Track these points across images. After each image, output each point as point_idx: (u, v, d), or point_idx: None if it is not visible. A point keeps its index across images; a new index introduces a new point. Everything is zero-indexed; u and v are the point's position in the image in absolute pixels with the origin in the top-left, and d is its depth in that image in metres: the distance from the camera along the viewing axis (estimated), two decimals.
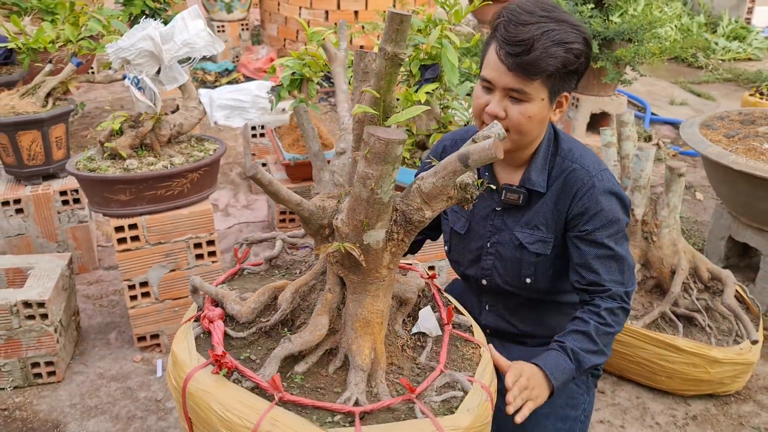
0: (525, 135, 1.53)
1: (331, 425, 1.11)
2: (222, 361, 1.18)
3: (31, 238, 2.94)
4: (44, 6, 3.48)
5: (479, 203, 1.71)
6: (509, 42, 1.43)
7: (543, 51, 1.41)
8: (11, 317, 2.27)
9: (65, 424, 2.23)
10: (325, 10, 6.00)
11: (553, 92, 1.49)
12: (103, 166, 2.28)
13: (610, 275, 1.58)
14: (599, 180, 1.56)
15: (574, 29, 1.46)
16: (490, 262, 1.72)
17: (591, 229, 1.57)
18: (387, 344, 1.30)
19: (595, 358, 1.54)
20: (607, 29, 3.90)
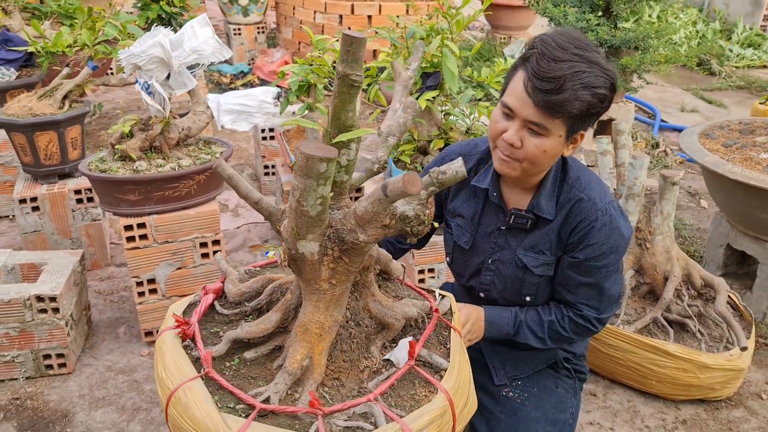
0: (536, 167, 1.55)
1: (228, 410, 1.17)
2: (183, 327, 1.32)
3: (47, 235, 3.05)
4: (63, 11, 3.61)
5: (484, 220, 1.76)
6: (539, 77, 1.42)
7: (571, 93, 1.41)
8: (24, 310, 2.38)
9: (74, 414, 2.33)
10: (339, 15, 6.10)
11: (571, 130, 1.51)
12: (113, 167, 2.38)
13: (587, 300, 1.67)
14: (603, 213, 1.60)
15: (603, 73, 1.45)
16: (489, 278, 1.77)
17: (582, 258, 1.62)
18: (343, 360, 1.32)
19: (533, 340, 1.71)
20: (614, 37, 3.94)
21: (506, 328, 1.70)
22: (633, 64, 3.87)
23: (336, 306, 1.28)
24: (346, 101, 1.10)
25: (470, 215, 1.76)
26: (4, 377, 2.46)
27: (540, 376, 1.82)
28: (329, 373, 1.30)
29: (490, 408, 1.76)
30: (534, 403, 1.75)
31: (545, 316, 1.70)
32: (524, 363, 1.81)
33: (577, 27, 3.98)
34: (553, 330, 1.69)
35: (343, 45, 1.05)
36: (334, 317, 1.28)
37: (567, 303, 1.69)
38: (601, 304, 1.66)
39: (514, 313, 1.71)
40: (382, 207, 1.12)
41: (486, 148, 1.76)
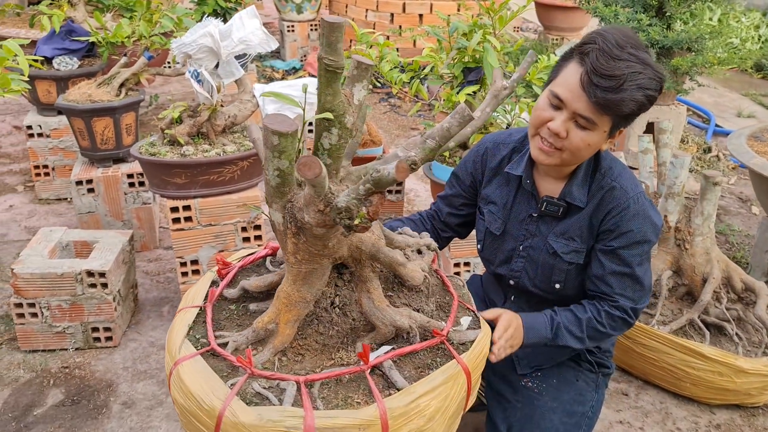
0: (576, 159, 1.58)
1: (194, 341, 1.34)
2: (222, 267, 1.51)
3: (100, 216, 3.21)
4: (124, 4, 3.77)
5: (516, 206, 1.78)
6: (599, 74, 1.43)
7: (629, 93, 1.44)
8: (76, 284, 2.51)
9: (117, 384, 2.45)
10: (390, 13, 6.16)
11: (616, 127, 1.54)
12: (162, 151, 2.49)
13: (623, 290, 1.67)
14: (634, 202, 1.62)
15: (655, 75, 1.47)
16: (521, 265, 1.79)
17: (616, 246, 1.64)
18: (315, 341, 1.35)
19: (573, 341, 1.66)
20: (666, 38, 3.88)
21: (544, 332, 1.66)
22: (685, 65, 3.80)
23: (304, 283, 1.30)
24: (325, 85, 1.13)
25: (503, 202, 1.78)
26: (55, 347, 2.60)
27: (561, 368, 1.82)
28: (296, 346, 1.34)
29: (508, 396, 1.78)
30: (552, 394, 1.76)
31: (581, 314, 1.66)
32: (547, 353, 1.82)
33: (628, 26, 3.93)
34: (591, 327, 1.66)
35: (322, 31, 1.08)
36: (302, 294, 1.31)
37: (602, 296, 1.68)
38: (636, 293, 1.67)
39: (549, 317, 1.68)
40: (314, 191, 1.14)
41: (520, 137, 1.79)
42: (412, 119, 5.37)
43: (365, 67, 1.16)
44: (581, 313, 1.67)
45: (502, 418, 1.76)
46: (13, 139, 4.63)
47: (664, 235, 2.51)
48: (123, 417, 2.30)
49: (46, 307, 2.52)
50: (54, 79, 3.53)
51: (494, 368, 1.91)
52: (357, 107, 1.20)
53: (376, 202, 1.11)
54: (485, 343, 1.40)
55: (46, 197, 3.82)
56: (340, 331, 1.37)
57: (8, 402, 2.35)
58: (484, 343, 1.40)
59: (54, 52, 3.54)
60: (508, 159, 1.78)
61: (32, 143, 3.69)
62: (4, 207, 3.75)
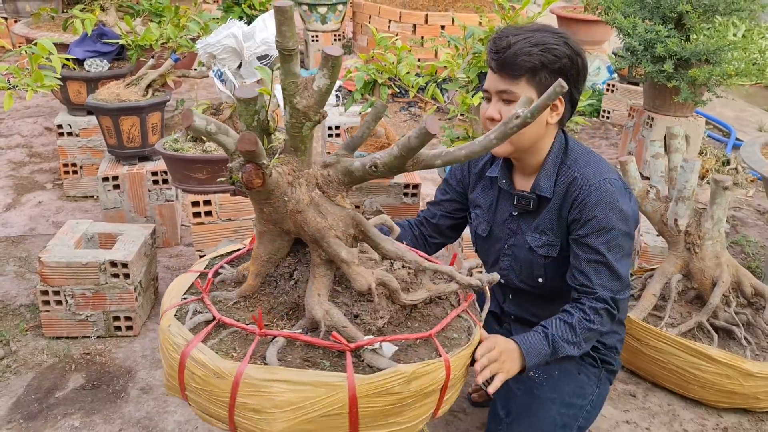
0: (526, 136, 1.67)
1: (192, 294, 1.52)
2: None
3: (124, 212, 3.31)
4: (154, 9, 3.90)
5: (499, 208, 1.87)
6: (492, 49, 1.62)
7: (519, 49, 1.58)
8: (100, 274, 2.61)
9: (136, 371, 2.54)
10: (413, 24, 6.26)
11: (542, 92, 1.56)
12: (185, 146, 2.59)
13: (600, 280, 1.69)
14: (596, 189, 1.67)
15: (553, 34, 1.61)
16: (507, 263, 1.87)
17: (583, 234, 1.69)
18: (264, 300, 1.46)
19: (572, 349, 1.65)
20: (684, 49, 3.90)
21: (542, 349, 1.63)
22: (702, 76, 3.82)
23: (260, 242, 1.41)
24: (281, 66, 1.23)
25: (487, 205, 1.89)
26: (78, 334, 2.69)
27: (563, 361, 1.85)
28: (255, 297, 1.45)
29: (509, 384, 1.82)
30: (552, 384, 1.79)
31: (570, 319, 1.67)
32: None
33: (646, 38, 3.97)
34: (584, 328, 1.67)
35: (275, 17, 1.17)
36: (259, 250, 1.42)
37: (581, 288, 1.70)
38: (614, 283, 1.69)
39: (542, 332, 1.65)
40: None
41: None
42: None
43: (330, 57, 1.21)
44: (569, 318, 1.66)
45: (503, 404, 1.80)
46: (44, 140, 4.79)
47: (675, 239, 2.54)
48: (140, 401, 2.38)
49: (71, 295, 2.62)
50: (84, 80, 3.67)
51: None
52: (316, 93, 1.24)
53: (250, 170, 1.21)
54: (400, 379, 1.28)
55: (73, 194, 3.94)
56: (286, 301, 1.44)
57: (31, 385, 2.45)
58: (399, 378, 1.28)
59: (85, 55, 3.67)
60: (490, 164, 1.89)
61: (62, 142, 3.82)
62: (34, 203, 3.88)
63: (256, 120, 1.29)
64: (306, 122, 1.27)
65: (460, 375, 1.41)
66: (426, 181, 4.27)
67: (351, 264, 1.35)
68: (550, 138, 1.75)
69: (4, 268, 3.20)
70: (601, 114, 5.71)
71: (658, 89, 4.29)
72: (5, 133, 4.89)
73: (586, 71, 1.68)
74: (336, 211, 1.36)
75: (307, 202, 1.33)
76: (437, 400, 1.36)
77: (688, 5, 3.90)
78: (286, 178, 1.30)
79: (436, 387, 1.32)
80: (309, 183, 1.34)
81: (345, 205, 1.38)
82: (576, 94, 1.69)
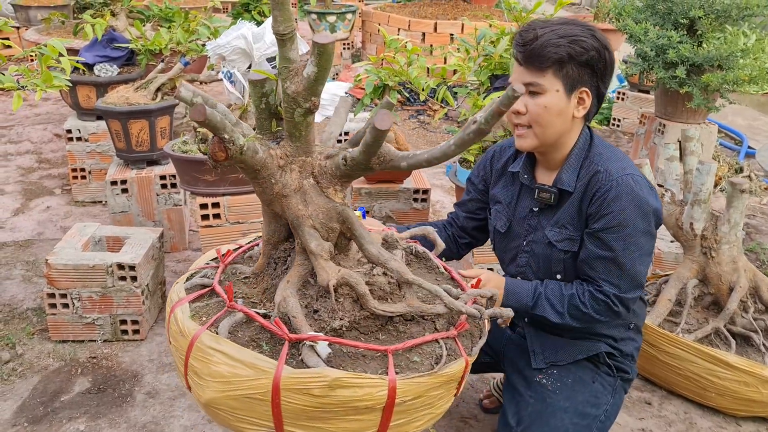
0: (545, 127, 1.64)
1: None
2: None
3: (133, 216, 3.30)
4: (164, 15, 3.91)
5: (520, 204, 1.83)
6: (519, 41, 1.60)
7: (546, 41, 1.56)
8: (107, 277, 2.58)
9: (142, 375, 2.50)
10: (422, 32, 6.26)
11: (569, 85, 1.60)
12: (194, 148, 2.57)
13: (607, 276, 1.66)
14: (617, 184, 1.63)
15: (579, 27, 1.59)
16: (525, 260, 1.83)
17: (597, 228, 1.65)
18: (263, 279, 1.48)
19: (553, 315, 1.68)
20: (696, 55, 3.87)
21: (525, 299, 1.69)
22: (715, 81, 3.78)
23: (263, 222, 1.43)
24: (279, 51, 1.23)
25: (507, 200, 1.86)
26: (84, 338, 2.66)
27: (578, 368, 1.81)
28: (260, 276, 1.47)
29: (521, 391, 1.78)
30: (565, 393, 1.74)
31: (566, 290, 1.69)
32: (564, 350, 1.81)
33: (657, 43, 3.94)
34: (573, 305, 1.66)
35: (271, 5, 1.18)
36: (263, 231, 1.44)
37: (588, 280, 1.69)
38: (622, 281, 1.65)
39: (534, 285, 1.71)
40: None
41: None
42: (440, 135, 5.41)
43: (317, 44, 1.18)
44: (566, 289, 1.69)
45: (514, 412, 1.75)
46: (54, 146, 4.79)
47: (691, 243, 2.49)
48: (146, 406, 2.34)
49: (78, 298, 2.60)
50: (94, 84, 3.67)
51: (511, 361, 1.91)
52: (305, 79, 1.23)
53: (214, 142, 1.21)
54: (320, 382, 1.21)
55: (81, 200, 3.93)
56: (275, 285, 1.42)
57: (37, 388, 2.42)
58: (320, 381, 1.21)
59: (95, 60, 3.68)
60: (513, 158, 1.87)
61: (71, 147, 3.82)
62: (42, 208, 3.87)
63: (264, 103, 1.28)
64: (296, 108, 1.25)
65: (417, 402, 1.27)
66: (435, 188, 4.24)
67: (318, 256, 1.31)
68: (576, 132, 1.72)
69: (12, 272, 3.18)
70: (611, 122, 5.67)
71: (669, 96, 4.25)
72: (15, 139, 4.90)
73: (613, 65, 1.65)
74: (321, 202, 1.33)
75: (295, 188, 1.32)
76: (379, 420, 1.25)
77: (700, 11, 3.87)
78: (277, 161, 1.30)
79: (372, 405, 1.22)
80: (303, 170, 1.32)
81: (335, 198, 1.33)
82: (603, 88, 1.66)
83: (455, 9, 6.63)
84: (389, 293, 1.39)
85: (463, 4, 6.88)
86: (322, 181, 1.32)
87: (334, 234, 1.35)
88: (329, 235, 1.34)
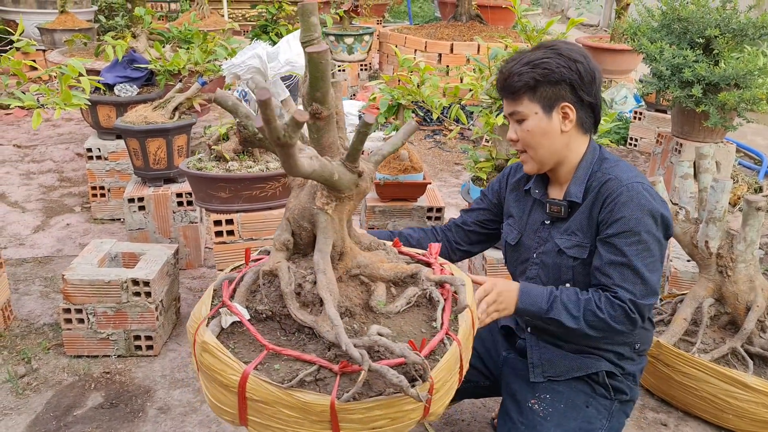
0: (535, 148, 1.72)
1: None
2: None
3: (149, 233, 3.33)
4: (183, 36, 3.99)
5: (531, 217, 1.85)
6: (497, 78, 1.74)
7: (512, 72, 1.67)
8: (122, 292, 2.61)
9: (155, 391, 2.51)
10: (438, 53, 6.30)
11: (547, 105, 1.67)
12: (208, 165, 2.61)
13: (622, 282, 1.65)
14: (628, 189, 1.65)
15: (543, 50, 1.68)
16: (534, 272, 1.83)
17: (610, 233, 1.66)
18: None
19: (569, 319, 1.65)
20: (712, 74, 3.85)
21: (540, 301, 1.67)
22: (732, 100, 3.76)
23: None
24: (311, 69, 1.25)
25: (519, 214, 1.89)
26: (99, 353, 2.69)
27: (571, 392, 1.78)
28: None
29: (513, 417, 1.76)
30: (556, 419, 1.71)
31: (582, 295, 1.68)
32: (564, 364, 1.79)
33: (673, 63, 3.93)
34: (589, 310, 1.64)
35: (299, 17, 1.24)
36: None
37: (603, 287, 1.68)
38: (636, 286, 1.64)
39: (549, 289, 1.70)
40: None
41: None
42: (456, 155, 5.42)
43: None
44: (582, 294, 1.68)
45: None
46: (75, 165, 4.88)
47: (706, 262, 2.46)
48: (158, 421, 2.35)
49: (93, 313, 2.62)
50: (114, 104, 3.74)
51: (506, 384, 1.89)
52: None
53: None
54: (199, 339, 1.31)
55: (100, 217, 3.99)
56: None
57: (51, 402, 2.44)
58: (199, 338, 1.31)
59: (116, 80, 3.75)
60: (527, 178, 1.91)
61: (91, 165, 3.89)
62: (62, 225, 3.94)
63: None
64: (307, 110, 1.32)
65: (268, 410, 1.22)
66: (449, 206, 4.24)
67: (273, 243, 1.40)
68: (578, 146, 1.74)
69: (30, 287, 3.23)
70: (628, 142, 5.65)
71: (686, 114, 4.23)
72: (38, 158, 5.00)
73: (592, 74, 1.68)
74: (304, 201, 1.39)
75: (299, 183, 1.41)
76: (237, 405, 1.24)
77: (716, 29, 3.86)
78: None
79: (227, 384, 1.24)
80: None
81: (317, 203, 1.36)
82: (588, 97, 1.68)
83: (471, 30, 6.68)
84: (312, 303, 1.33)
85: (479, 26, 6.93)
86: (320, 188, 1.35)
87: (304, 232, 1.38)
88: (300, 232, 1.38)
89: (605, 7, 10.89)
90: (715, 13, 3.99)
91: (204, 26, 4.98)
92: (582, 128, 1.73)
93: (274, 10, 5.34)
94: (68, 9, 6.46)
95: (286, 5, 5.40)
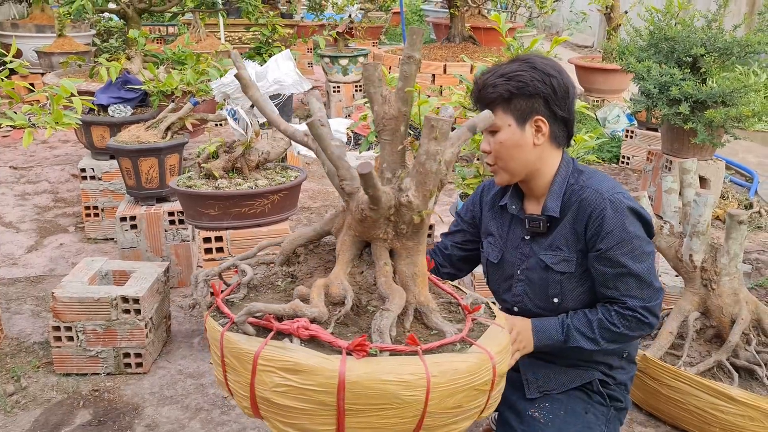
0: (507, 160, 1.72)
1: None
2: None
3: (141, 251, 3.36)
4: (177, 58, 4.04)
5: (511, 233, 1.86)
6: (473, 89, 1.74)
7: (486, 83, 1.68)
8: (111, 309, 2.62)
9: (143, 408, 2.52)
10: (432, 74, 6.37)
11: (520, 118, 1.67)
12: (198, 183, 2.64)
13: (628, 291, 1.68)
14: (610, 202, 1.66)
15: (518, 63, 1.68)
16: (521, 289, 1.83)
17: (605, 248, 1.67)
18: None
19: (586, 343, 1.68)
20: (700, 92, 3.90)
21: (555, 335, 1.71)
22: (719, 117, 3.80)
23: None
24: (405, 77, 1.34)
25: (499, 232, 1.89)
26: (87, 371, 2.69)
27: (570, 400, 1.79)
28: None
29: (514, 425, 1.76)
30: (558, 426, 1.72)
31: (592, 316, 1.70)
32: (558, 378, 1.80)
33: (660, 81, 3.98)
34: (604, 328, 1.68)
35: (408, 36, 1.31)
36: None
37: (611, 300, 1.70)
38: (643, 291, 1.68)
39: (560, 320, 1.73)
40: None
41: None
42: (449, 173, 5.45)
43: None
44: (592, 315, 1.70)
45: None
46: (70, 186, 4.91)
47: (691, 275, 2.48)
48: None
49: (82, 330, 2.63)
50: (108, 125, 3.78)
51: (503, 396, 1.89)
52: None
53: None
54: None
55: (94, 237, 4.02)
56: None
57: (38, 420, 2.44)
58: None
59: (110, 101, 3.80)
60: (501, 193, 1.91)
61: (84, 185, 3.92)
62: (55, 245, 3.96)
63: None
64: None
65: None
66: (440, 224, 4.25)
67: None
68: (551, 160, 1.75)
69: (22, 306, 3.24)
70: (620, 160, 5.69)
71: (675, 132, 4.27)
72: (34, 179, 5.04)
73: (566, 89, 1.69)
74: None
75: None
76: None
77: (702, 48, 3.92)
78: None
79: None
80: None
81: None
82: (562, 111, 1.70)
83: (464, 51, 6.75)
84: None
85: (472, 47, 7.01)
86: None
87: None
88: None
89: (599, 28, 11.02)
90: (701, 32, 4.05)
91: (200, 48, 5.06)
92: (555, 142, 1.74)
93: (268, 32, 5.42)
94: (67, 33, 6.55)
95: (280, 27, 5.48)
